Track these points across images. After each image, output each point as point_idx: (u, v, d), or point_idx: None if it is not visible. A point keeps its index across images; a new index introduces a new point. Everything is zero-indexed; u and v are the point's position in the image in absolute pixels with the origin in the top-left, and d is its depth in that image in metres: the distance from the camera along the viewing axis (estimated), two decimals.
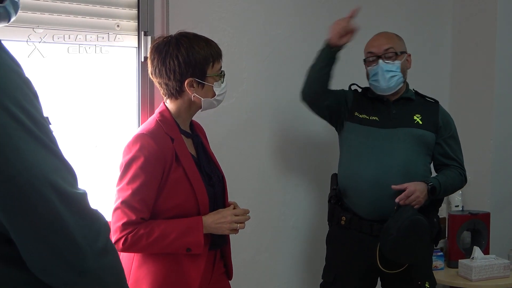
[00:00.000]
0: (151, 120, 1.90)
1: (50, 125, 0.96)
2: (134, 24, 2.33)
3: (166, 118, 1.88)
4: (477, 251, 2.98)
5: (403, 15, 3.26)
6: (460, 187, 2.62)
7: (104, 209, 1.04)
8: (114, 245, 1.01)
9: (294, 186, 2.95)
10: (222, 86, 1.93)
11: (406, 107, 2.53)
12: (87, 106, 2.24)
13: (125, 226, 1.76)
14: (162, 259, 1.82)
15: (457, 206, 3.32)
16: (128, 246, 1.76)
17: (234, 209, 1.93)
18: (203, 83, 1.88)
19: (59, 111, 2.14)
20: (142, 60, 2.32)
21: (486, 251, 3.08)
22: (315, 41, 2.91)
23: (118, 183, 1.80)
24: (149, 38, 2.31)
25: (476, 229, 3.14)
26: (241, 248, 2.46)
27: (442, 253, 3.13)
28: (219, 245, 1.96)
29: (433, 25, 3.43)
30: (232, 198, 2.03)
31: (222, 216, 1.87)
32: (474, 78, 3.38)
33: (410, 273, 2.44)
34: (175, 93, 1.88)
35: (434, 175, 2.53)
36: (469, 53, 3.40)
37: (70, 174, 0.95)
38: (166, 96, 1.92)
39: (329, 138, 2.82)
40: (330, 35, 2.42)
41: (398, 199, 2.34)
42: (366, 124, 2.50)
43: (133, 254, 1.84)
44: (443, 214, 3.20)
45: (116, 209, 1.78)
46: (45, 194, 0.89)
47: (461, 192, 3.23)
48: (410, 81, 2.63)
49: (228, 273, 2.03)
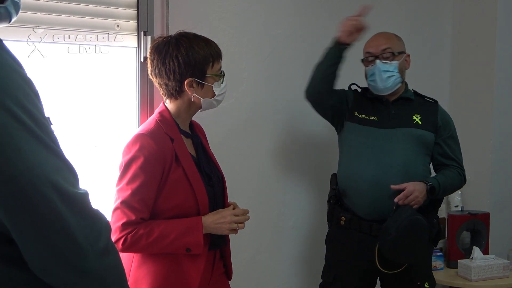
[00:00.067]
0: (151, 120, 1.90)
1: (52, 125, 0.96)
2: (133, 24, 2.33)
3: (165, 118, 1.88)
4: (476, 251, 2.98)
5: (403, 15, 3.26)
6: (459, 187, 2.62)
7: (103, 209, 1.04)
8: (115, 245, 1.01)
9: (294, 186, 2.95)
10: (222, 86, 1.93)
11: (405, 107, 2.53)
12: (87, 106, 2.24)
13: (124, 226, 1.76)
14: (161, 259, 1.82)
15: (456, 206, 3.32)
16: (127, 246, 1.76)
17: (233, 209, 1.93)
18: (203, 83, 1.88)
19: (59, 111, 2.14)
20: (142, 60, 2.32)
21: (485, 251, 3.08)
22: (315, 41, 2.92)
23: (118, 183, 1.80)
24: (148, 38, 2.31)
25: (475, 229, 3.15)
26: (240, 248, 2.47)
27: (441, 253, 3.13)
28: (219, 245, 1.96)
29: (433, 25, 3.43)
30: (231, 198, 2.03)
31: (222, 216, 1.87)
32: (474, 79, 3.38)
33: (410, 273, 2.44)
34: (175, 93, 1.88)
35: (433, 175, 2.53)
36: (469, 53, 3.40)
37: (72, 174, 0.95)
38: (165, 96, 1.92)
39: (328, 138, 2.82)
40: (340, 33, 2.40)
41: (397, 199, 2.34)
42: (365, 124, 2.50)
43: (132, 254, 1.84)
44: (443, 214, 3.20)
45: (115, 209, 1.78)
46: (46, 194, 0.89)
47: (460, 192, 3.23)
48: (410, 81, 2.63)
49: (227, 273, 2.03)
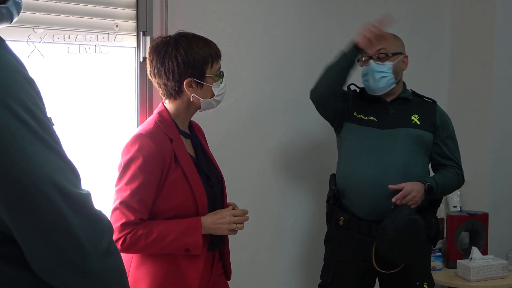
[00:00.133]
0: (150, 120, 1.90)
1: (54, 125, 0.97)
2: (133, 24, 2.33)
3: (164, 119, 1.88)
4: (475, 252, 2.98)
5: (403, 16, 3.26)
6: (457, 187, 2.62)
7: (102, 209, 1.04)
8: (117, 246, 1.01)
9: (293, 186, 2.95)
10: (221, 86, 1.93)
11: (403, 108, 2.53)
12: (86, 106, 2.23)
13: (123, 226, 1.76)
14: (160, 260, 1.82)
15: (455, 207, 3.32)
16: (126, 246, 1.76)
17: (233, 209, 1.93)
18: (202, 84, 1.88)
19: (58, 111, 2.14)
20: (141, 60, 2.31)
21: (484, 252, 3.08)
22: (315, 41, 2.92)
23: (117, 184, 1.80)
24: (148, 38, 2.31)
25: (474, 229, 3.15)
26: (240, 248, 2.46)
27: (440, 253, 3.13)
28: (218, 245, 1.96)
29: (432, 25, 3.43)
30: (231, 199, 2.03)
31: (221, 216, 1.87)
32: (473, 79, 3.38)
33: (409, 273, 2.45)
34: (174, 93, 1.88)
35: (431, 175, 2.53)
36: (468, 53, 3.40)
37: (74, 175, 0.95)
38: (165, 96, 1.92)
39: (328, 138, 2.82)
40: (360, 40, 2.38)
41: (394, 199, 2.35)
42: (364, 124, 2.50)
43: (131, 254, 1.84)
44: (442, 214, 3.20)
45: (114, 209, 1.78)
46: (49, 195, 0.89)
47: (459, 192, 3.24)
48: (409, 81, 2.63)
49: (226, 273, 2.03)
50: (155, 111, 1.94)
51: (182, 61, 1.83)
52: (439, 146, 2.52)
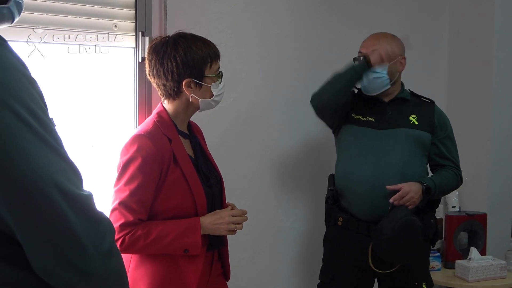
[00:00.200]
0: (149, 120, 1.90)
1: (55, 126, 0.96)
2: (131, 24, 2.33)
3: (163, 119, 1.88)
4: (474, 252, 2.99)
5: (402, 16, 3.26)
6: (455, 188, 2.63)
7: (101, 209, 1.04)
8: (118, 248, 1.01)
9: (292, 187, 2.95)
10: (220, 86, 1.93)
11: (401, 108, 2.53)
12: (85, 106, 2.23)
13: (122, 227, 1.76)
14: (159, 260, 1.82)
15: (454, 207, 3.32)
16: (125, 247, 1.76)
17: (231, 210, 1.93)
18: (201, 84, 1.87)
19: (58, 111, 2.13)
20: (140, 60, 2.31)
21: (483, 252, 3.08)
22: (314, 41, 2.92)
23: (116, 184, 1.80)
24: (146, 38, 2.31)
25: (473, 230, 3.15)
26: (239, 248, 2.46)
27: (439, 253, 3.13)
28: (217, 246, 1.96)
29: (431, 26, 3.43)
30: (230, 199, 2.03)
31: (220, 217, 1.87)
32: (471, 79, 3.38)
33: (407, 273, 2.45)
34: (173, 93, 1.88)
35: (429, 176, 2.53)
36: (466, 54, 3.40)
37: (76, 176, 0.95)
38: (163, 96, 1.92)
39: (326, 138, 2.82)
40: (374, 57, 2.41)
41: (392, 200, 2.35)
42: (362, 125, 2.50)
43: (130, 255, 1.83)
44: (440, 214, 3.20)
45: (113, 210, 1.78)
46: (50, 195, 0.89)
47: (458, 192, 3.24)
48: (408, 81, 2.63)
49: (225, 274, 2.03)
50: (154, 112, 1.93)
51: (181, 61, 1.83)
52: (437, 146, 2.52)
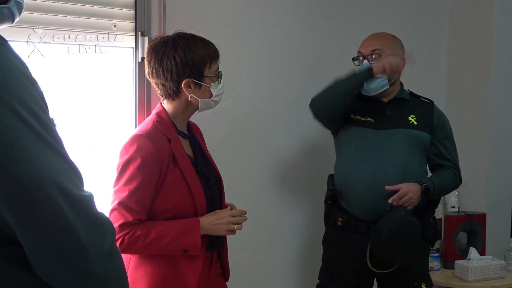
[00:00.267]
0: (148, 121, 1.90)
1: (56, 126, 0.96)
2: (131, 24, 2.32)
3: (163, 119, 1.88)
4: (473, 252, 2.99)
5: (402, 16, 3.27)
6: (454, 188, 2.62)
7: (101, 210, 1.04)
8: (119, 249, 1.01)
9: (291, 187, 2.95)
10: (219, 86, 1.93)
11: (400, 108, 2.53)
12: (85, 106, 2.23)
13: (122, 227, 1.75)
14: (159, 261, 1.82)
15: (453, 207, 3.32)
16: (125, 247, 1.76)
17: (231, 210, 1.93)
18: (200, 84, 1.87)
19: (57, 111, 2.13)
20: (139, 60, 2.31)
21: (482, 252, 3.09)
22: (314, 41, 2.92)
23: (115, 184, 1.80)
24: (146, 38, 2.30)
25: (472, 230, 3.15)
26: (238, 249, 2.46)
27: (438, 254, 3.13)
28: (216, 246, 1.96)
29: (430, 25, 3.43)
30: (229, 199, 2.03)
31: (219, 217, 1.87)
32: (471, 79, 3.39)
33: (407, 274, 2.45)
34: (172, 93, 1.88)
35: (428, 176, 2.53)
36: (466, 54, 3.41)
37: (76, 176, 0.95)
38: (163, 96, 1.91)
39: (326, 139, 2.82)
40: (377, 68, 2.41)
41: (391, 200, 2.34)
42: (361, 125, 2.50)
43: (130, 255, 1.83)
44: (439, 215, 3.20)
45: (112, 210, 1.78)
46: (51, 195, 0.89)
47: (457, 193, 3.24)
48: (407, 81, 2.63)
49: (225, 274, 2.03)
50: (153, 112, 1.93)
51: (180, 61, 1.83)
52: (437, 147, 2.52)
